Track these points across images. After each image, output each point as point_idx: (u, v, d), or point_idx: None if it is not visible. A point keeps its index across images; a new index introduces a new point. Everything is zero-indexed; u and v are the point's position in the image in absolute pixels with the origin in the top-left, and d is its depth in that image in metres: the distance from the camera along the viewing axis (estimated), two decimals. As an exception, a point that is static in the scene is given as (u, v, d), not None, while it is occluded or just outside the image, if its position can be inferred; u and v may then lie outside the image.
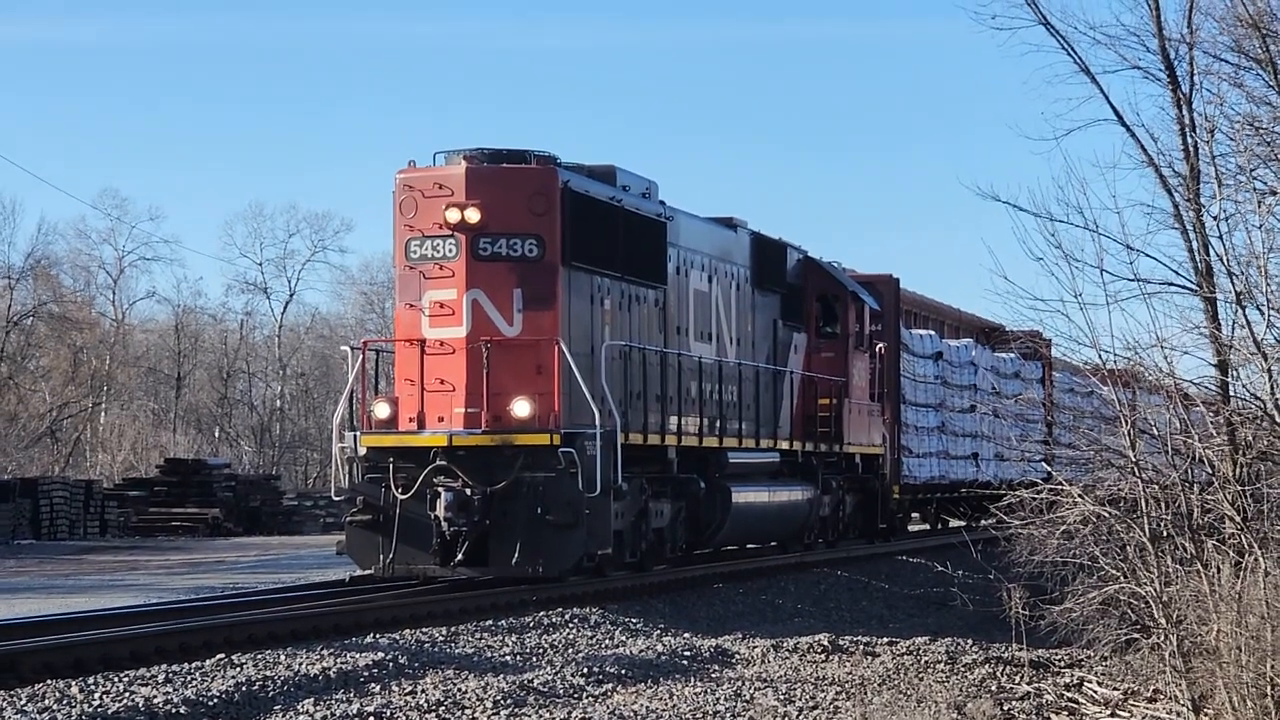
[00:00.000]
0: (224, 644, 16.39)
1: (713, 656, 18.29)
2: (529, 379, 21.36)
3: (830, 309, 31.10)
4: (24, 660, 14.82)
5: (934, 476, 38.46)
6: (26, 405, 64.63)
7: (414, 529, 21.27)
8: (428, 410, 21.58)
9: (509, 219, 21.61)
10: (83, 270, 77.34)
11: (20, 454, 56.47)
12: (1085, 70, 18.05)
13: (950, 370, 39.86)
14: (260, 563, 32.74)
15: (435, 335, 21.66)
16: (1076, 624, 16.97)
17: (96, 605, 21.72)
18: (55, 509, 42.70)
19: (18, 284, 66.37)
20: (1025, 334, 27.48)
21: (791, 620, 23.48)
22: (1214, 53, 17.75)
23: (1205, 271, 17.18)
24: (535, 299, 21.58)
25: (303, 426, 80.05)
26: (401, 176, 22.11)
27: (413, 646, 17.02)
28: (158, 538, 44.43)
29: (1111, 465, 16.95)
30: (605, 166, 23.61)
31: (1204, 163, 17.46)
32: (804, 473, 29.36)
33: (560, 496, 21.10)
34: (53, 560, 34.35)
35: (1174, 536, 16.00)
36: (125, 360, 74.23)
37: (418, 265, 21.80)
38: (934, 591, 27.47)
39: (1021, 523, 17.49)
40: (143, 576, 29.20)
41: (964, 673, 18.43)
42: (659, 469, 23.94)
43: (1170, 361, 16.70)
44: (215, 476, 48.72)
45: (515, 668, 16.63)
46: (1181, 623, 15.48)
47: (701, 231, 26.33)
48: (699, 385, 25.32)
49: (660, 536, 24.15)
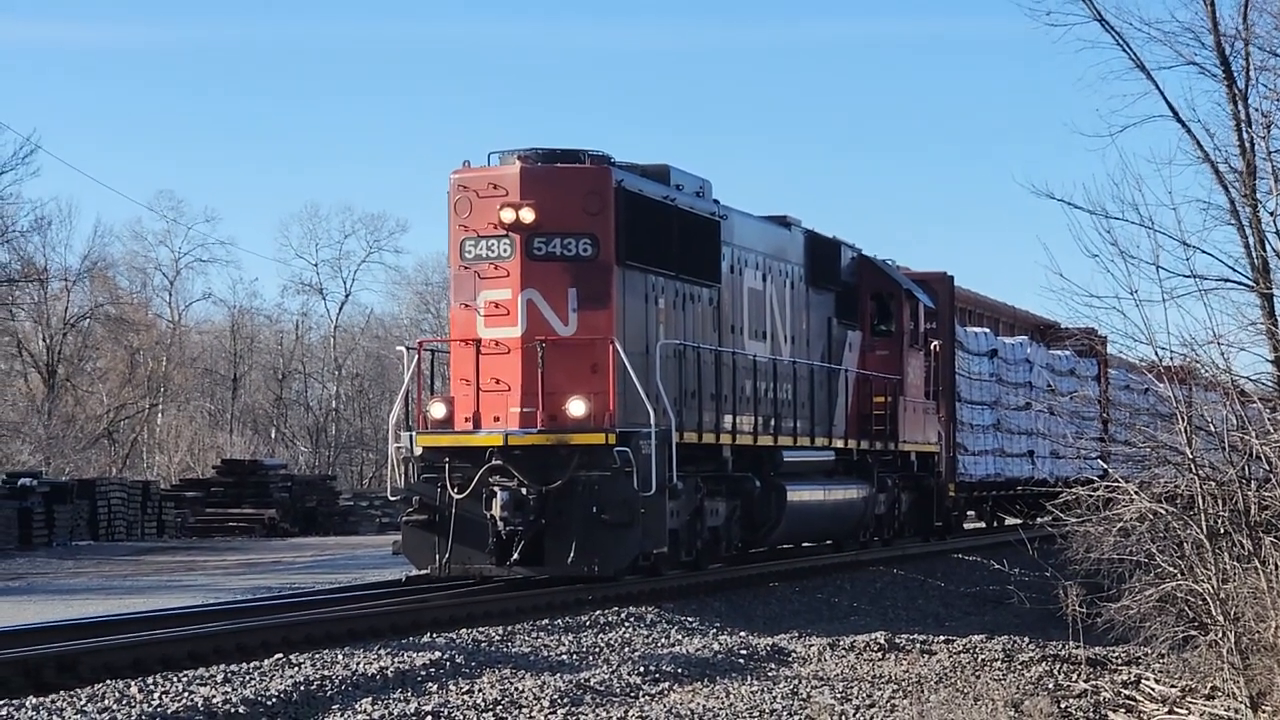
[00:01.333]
0: (282, 644, 16.43)
1: (769, 655, 18.28)
2: (584, 378, 21.36)
3: (885, 307, 31.03)
4: (84, 660, 14.90)
5: (989, 474, 38.34)
6: (84, 407, 65.06)
7: (470, 529, 21.31)
8: (483, 410, 21.61)
9: (563, 218, 21.62)
10: (139, 272, 78.03)
11: (78, 455, 56.84)
12: (1140, 66, 18.05)
13: (1005, 368, 39.74)
14: (316, 563, 32.88)
15: (490, 335, 21.68)
16: (1133, 621, 16.91)
17: (154, 606, 21.84)
18: (113, 510, 42.92)
19: (75, 286, 66.91)
20: (1080, 331, 27.44)
21: (848, 619, 23.45)
22: (1269, 48, 17.72)
23: (1262, 268, 17.13)
24: (590, 298, 21.59)
25: (358, 427, 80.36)
26: (456, 177, 22.14)
27: (469, 646, 17.06)
28: (214, 538, 44.65)
29: (1168, 462, 16.90)
30: (659, 166, 23.59)
31: (1260, 158, 17.42)
32: (859, 471, 29.31)
33: (615, 495, 21.10)
34: (110, 561, 34.56)
35: (1231, 533, 15.94)
36: (181, 361, 74.65)
37: (472, 265, 21.82)
38: (990, 589, 27.38)
39: (1078, 520, 17.47)
40: (200, 577, 29.35)
41: (1021, 671, 18.37)
42: (714, 468, 23.92)
43: (1227, 358, 16.69)
44: (271, 477, 48.92)
45: (572, 667, 16.64)
46: (1239, 619, 15.41)
47: (755, 230, 26.30)
48: (753, 384, 25.29)
49: (715, 535, 24.13)
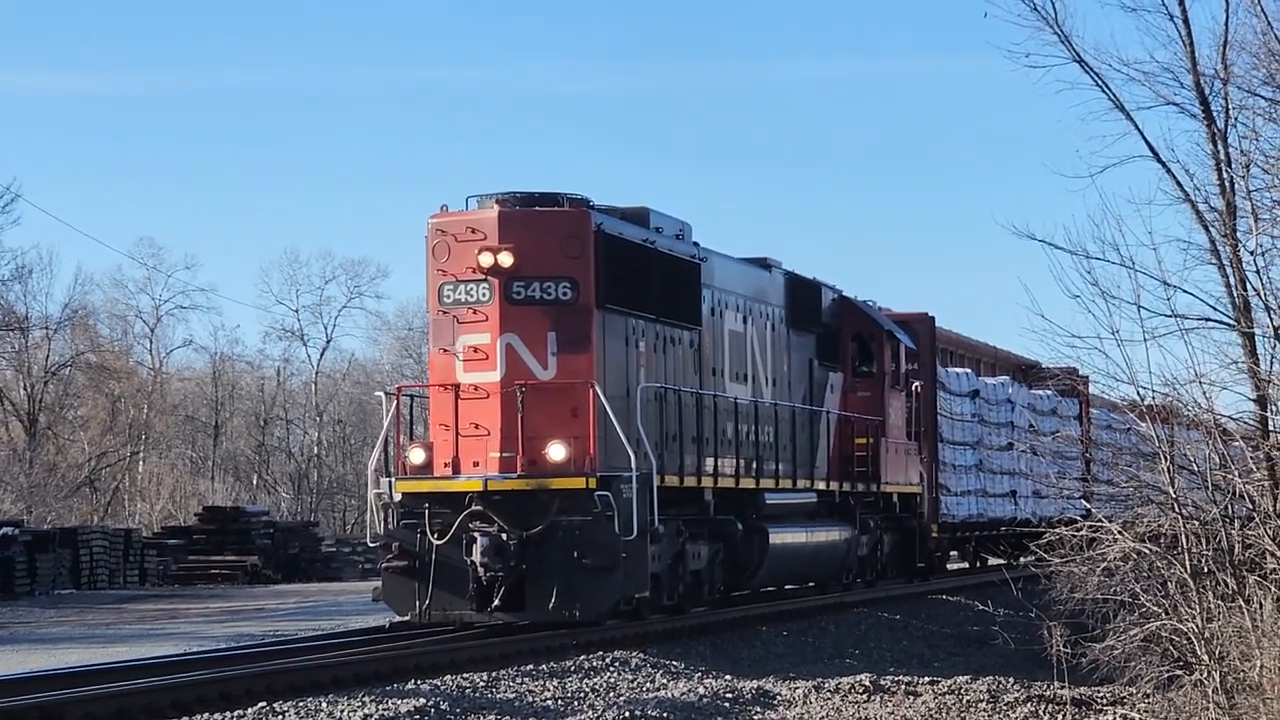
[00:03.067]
0: (265, 692, 16.36)
1: (754, 698, 18.22)
2: (564, 422, 21.32)
3: (866, 348, 31.05)
4: (68, 710, 14.84)
5: (972, 515, 38.32)
6: (65, 455, 64.84)
7: (450, 574, 21.23)
8: (463, 455, 21.55)
9: (542, 262, 21.60)
10: (120, 320, 77.81)
11: (60, 504, 56.57)
12: (1120, 107, 18.05)
13: (987, 408, 39.77)
14: (300, 609, 32.75)
15: (469, 380, 21.61)
16: (1118, 661, 16.88)
17: (138, 654, 21.74)
18: (95, 558, 42.72)
19: (56, 334, 66.73)
20: (1062, 371, 27.48)
21: (832, 661, 23.38)
22: (1248, 88, 17.74)
23: (1243, 306, 17.14)
24: (569, 342, 21.56)
25: (340, 473, 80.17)
26: (434, 221, 22.10)
27: (454, 692, 16.98)
28: (197, 586, 44.48)
29: (1151, 501, 16.90)
30: (638, 208, 23.61)
31: (1240, 198, 17.44)
32: (841, 513, 29.29)
33: (596, 540, 21.05)
34: (93, 610, 34.40)
35: (1215, 572, 15.94)
36: (163, 409, 74.43)
37: (451, 310, 21.78)
38: (974, 630, 27.29)
39: (1061, 560, 17.45)
40: (183, 625, 29.22)
41: (1006, 711, 18.32)
42: (696, 511, 23.88)
43: (1209, 397, 16.68)
44: (254, 524, 48.75)
45: (557, 712, 16.57)
46: (1224, 659, 15.40)
47: (735, 272, 26.32)
48: (735, 426, 25.28)
49: (698, 579, 24.07)
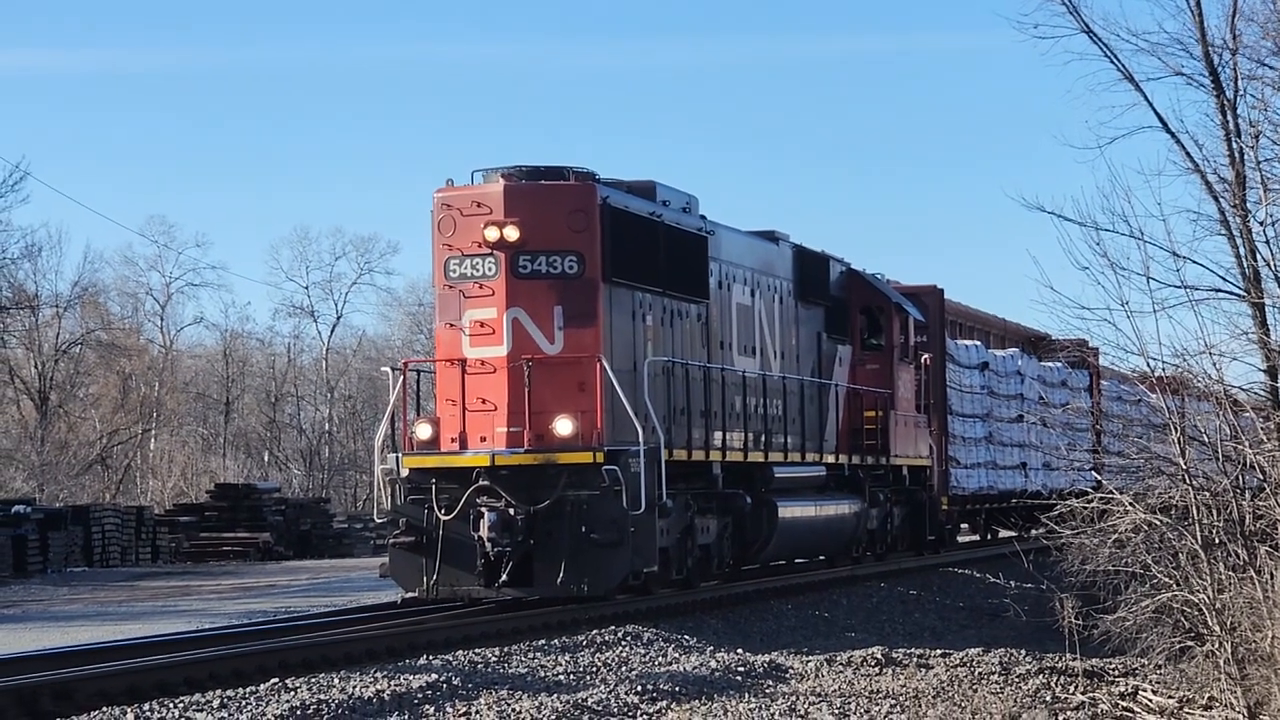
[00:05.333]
0: (278, 668, 16.41)
1: (766, 672, 18.25)
2: (571, 397, 21.27)
3: (875, 321, 31.01)
4: (79, 688, 14.87)
5: (982, 487, 38.33)
6: (77, 433, 64.93)
7: (457, 550, 21.22)
8: (470, 430, 21.53)
9: (548, 236, 21.54)
10: (130, 297, 77.94)
11: (71, 482, 56.72)
12: (1129, 77, 18.03)
13: (996, 380, 39.75)
14: (312, 586, 32.82)
15: (476, 354, 21.58)
16: (1130, 633, 16.90)
17: (150, 631, 21.79)
18: (107, 536, 42.85)
19: (66, 312, 66.77)
20: (1072, 343, 27.46)
21: (844, 634, 23.41)
22: (1257, 58, 17.72)
23: (1253, 277, 17.13)
24: (576, 316, 21.50)
25: (351, 449, 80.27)
26: (440, 195, 22.04)
27: (466, 667, 17.01)
28: (209, 563, 44.60)
29: (1162, 473, 16.90)
30: (645, 182, 23.54)
31: (1249, 168, 17.41)
32: (851, 486, 29.27)
33: (604, 515, 21.02)
34: (105, 587, 34.49)
35: (1226, 543, 15.93)
36: (174, 386, 74.55)
37: (457, 284, 21.73)
38: (986, 602, 27.36)
39: (1072, 532, 17.46)
40: (195, 602, 29.30)
41: (1018, 683, 18.35)
42: (704, 485, 23.86)
43: (1219, 368, 16.67)
44: (265, 501, 48.85)
45: (569, 687, 16.60)
46: (1235, 630, 15.40)
47: (743, 245, 26.27)
48: (743, 400, 25.24)
49: (707, 553, 24.06)
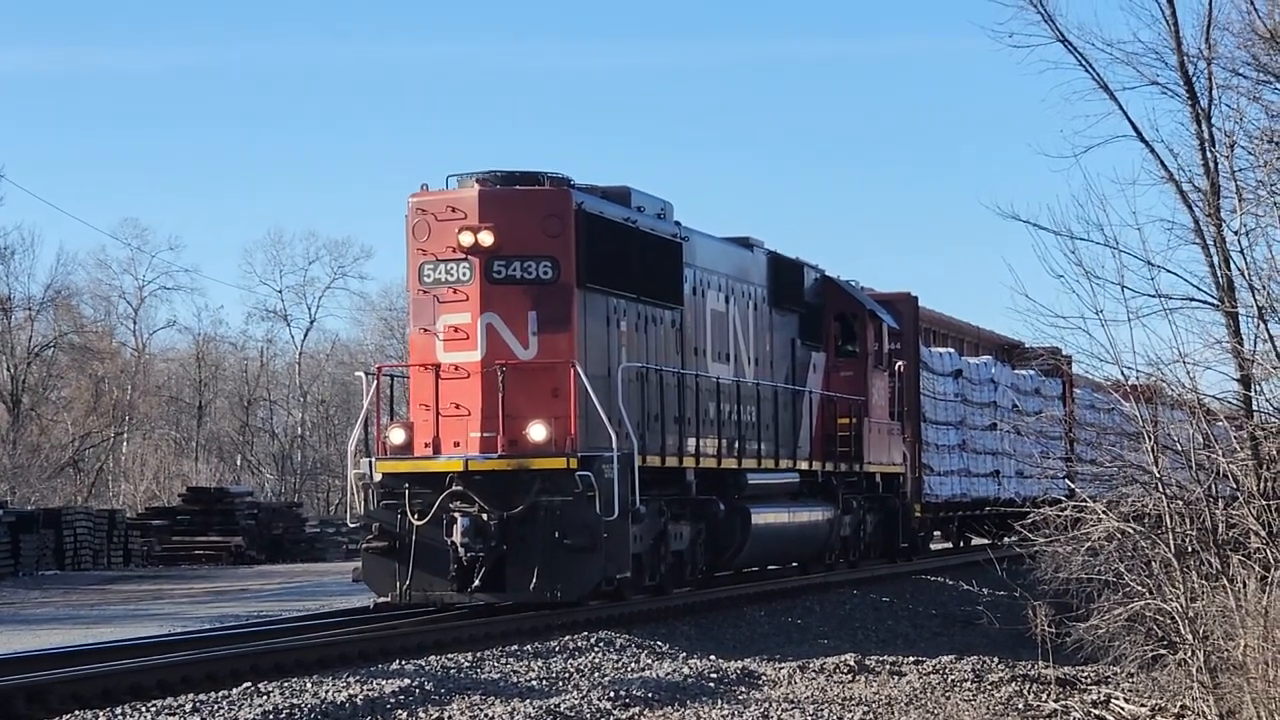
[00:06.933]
0: (250, 672, 16.38)
1: (739, 678, 18.24)
2: (545, 402, 21.27)
3: (849, 328, 31.05)
4: (52, 691, 14.83)
5: (956, 494, 38.39)
6: (49, 436, 64.73)
7: (430, 555, 21.19)
8: (443, 435, 21.50)
9: (523, 241, 21.53)
10: (103, 300, 77.59)
11: (43, 485, 56.49)
12: (1104, 87, 18.08)
13: (970, 388, 39.82)
14: (284, 590, 32.76)
15: (450, 359, 21.54)
16: (1102, 641, 16.92)
17: (122, 635, 21.74)
18: (79, 539, 42.68)
19: (38, 315, 66.58)
20: (1046, 351, 27.49)
21: (817, 641, 23.43)
22: (1232, 68, 17.78)
23: (1227, 286, 17.18)
24: (550, 321, 21.49)
25: (324, 453, 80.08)
26: (414, 200, 22.01)
27: (439, 673, 16.99)
28: (181, 567, 44.46)
29: (1135, 481, 16.93)
30: (620, 188, 23.56)
31: (1224, 178, 17.47)
32: (824, 493, 29.31)
33: (578, 520, 21.01)
34: (77, 590, 34.39)
35: (1199, 552, 15.97)
36: (146, 390, 74.30)
37: (431, 289, 21.69)
38: (959, 610, 27.41)
39: (1045, 540, 17.48)
40: (167, 606, 29.23)
41: (991, 691, 18.36)
42: (678, 491, 23.88)
43: (1193, 377, 16.72)
44: (238, 505, 48.71)
45: (541, 692, 16.58)
46: (1208, 638, 15.43)
47: (718, 251, 26.30)
48: (717, 406, 25.25)
49: (680, 559, 24.08)
